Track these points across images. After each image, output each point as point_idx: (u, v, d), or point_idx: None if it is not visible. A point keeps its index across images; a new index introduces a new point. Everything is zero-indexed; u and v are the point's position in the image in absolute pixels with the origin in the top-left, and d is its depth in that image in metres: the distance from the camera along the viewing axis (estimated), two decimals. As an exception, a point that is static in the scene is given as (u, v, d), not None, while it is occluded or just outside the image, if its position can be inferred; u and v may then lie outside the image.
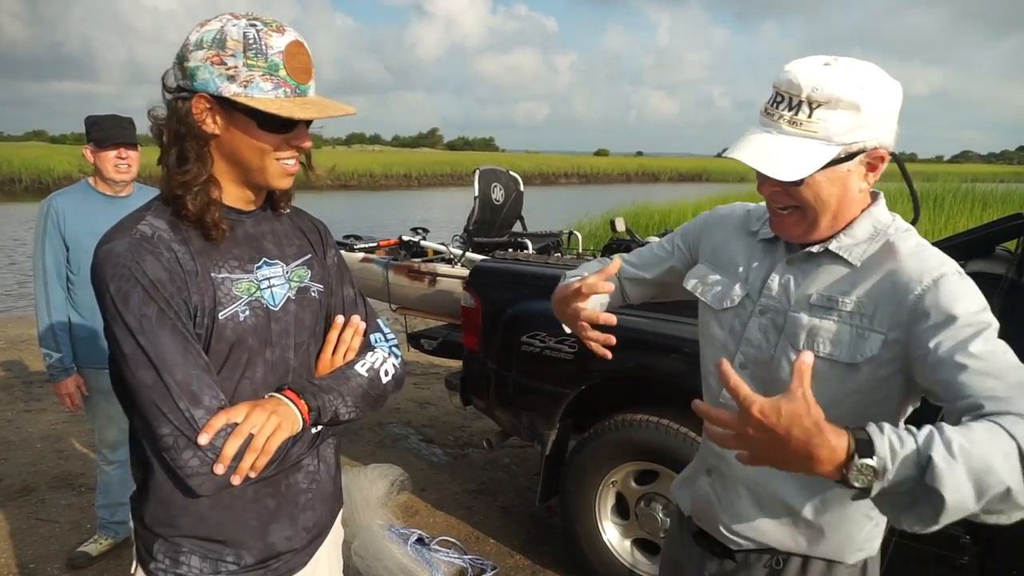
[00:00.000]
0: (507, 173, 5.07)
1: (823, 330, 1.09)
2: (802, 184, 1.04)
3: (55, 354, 2.59)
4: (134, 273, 1.01)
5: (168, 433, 0.99)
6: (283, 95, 1.04)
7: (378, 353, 1.25)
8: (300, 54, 1.05)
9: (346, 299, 1.29)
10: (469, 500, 3.53)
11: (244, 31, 1.01)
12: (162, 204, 1.10)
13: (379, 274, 4.40)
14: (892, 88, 1.03)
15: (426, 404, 4.97)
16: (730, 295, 1.22)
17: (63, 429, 4.26)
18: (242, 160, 1.09)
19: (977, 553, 1.97)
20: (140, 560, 1.17)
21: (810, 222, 1.09)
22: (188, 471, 1.00)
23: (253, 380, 1.12)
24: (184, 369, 1.00)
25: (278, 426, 1.04)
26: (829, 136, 1.00)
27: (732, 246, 1.28)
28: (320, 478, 1.25)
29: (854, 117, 1.00)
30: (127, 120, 2.61)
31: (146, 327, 1.00)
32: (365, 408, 1.19)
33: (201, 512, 1.12)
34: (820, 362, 1.07)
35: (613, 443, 2.60)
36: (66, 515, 3.25)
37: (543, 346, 2.74)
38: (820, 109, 0.99)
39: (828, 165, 1.02)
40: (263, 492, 1.16)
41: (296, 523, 1.21)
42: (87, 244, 2.57)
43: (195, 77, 1.02)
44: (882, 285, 1.05)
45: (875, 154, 1.04)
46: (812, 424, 0.83)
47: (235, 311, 1.09)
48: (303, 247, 1.25)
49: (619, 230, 4.69)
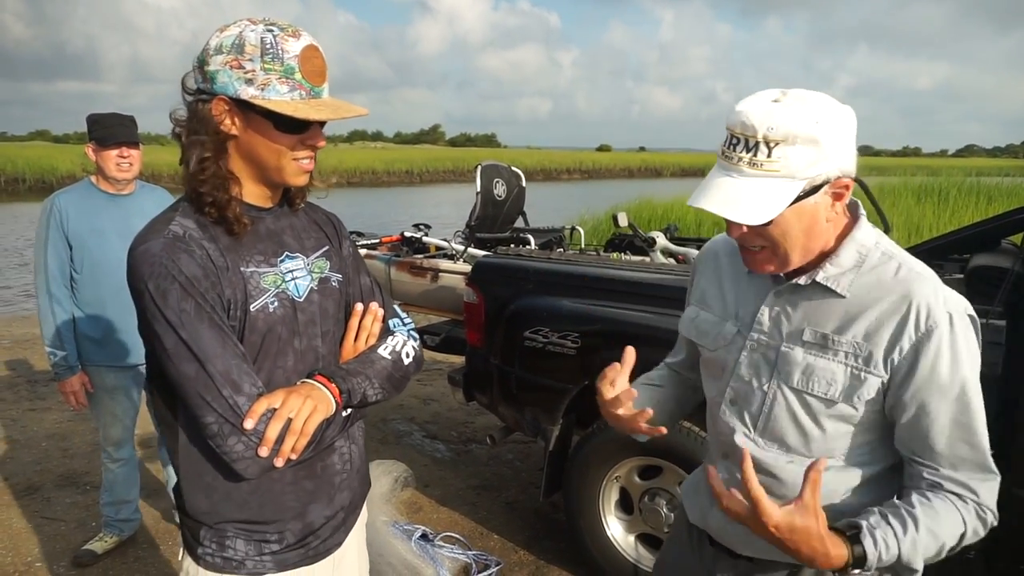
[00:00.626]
0: (509, 169, 5.07)
1: (818, 369, 1.09)
2: (770, 224, 1.02)
3: (59, 352, 2.59)
4: (171, 271, 1.05)
5: (213, 421, 1.04)
6: (298, 97, 1.08)
7: (398, 337, 1.32)
8: (315, 58, 1.10)
9: (363, 287, 1.35)
10: (473, 496, 3.53)
11: (262, 36, 1.06)
12: (188, 204, 1.15)
13: (381, 270, 4.40)
14: (845, 115, 1.02)
15: (429, 400, 4.97)
16: (722, 334, 1.22)
17: (68, 428, 4.27)
18: (260, 159, 1.13)
19: (984, 548, 1.97)
20: (187, 547, 1.23)
21: (781, 258, 1.08)
22: (234, 456, 1.05)
23: (285, 368, 1.18)
24: (224, 359, 1.05)
25: (314, 409, 1.09)
26: (792, 173, 0.99)
27: (719, 282, 1.27)
28: (353, 459, 1.32)
29: (814, 151, 0.98)
30: (128, 118, 2.61)
31: (185, 321, 1.04)
32: (391, 389, 1.25)
33: (243, 497, 1.18)
34: (815, 400, 1.09)
35: (617, 438, 2.59)
36: (71, 513, 3.26)
37: (546, 341, 2.73)
38: (778, 147, 0.98)
39: (795, 201, 1.01)
40: (301, 475, 1.22)
41: (333, 503, 1.28)
42: (90, 242, 2.57)
43: (215, 80, 1.07)
44: (877, 323, 1.05)
45: (839, 183, 1.03)
46: (819, 542, 0.97)
47: (265, 303, 1.15)
48: (320, 240, 1.31)
49: (622, 225, 4.68)
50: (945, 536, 1.02)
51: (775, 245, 1.07)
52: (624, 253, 4.58)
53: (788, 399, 1.11)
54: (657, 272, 2.89)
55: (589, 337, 2.64)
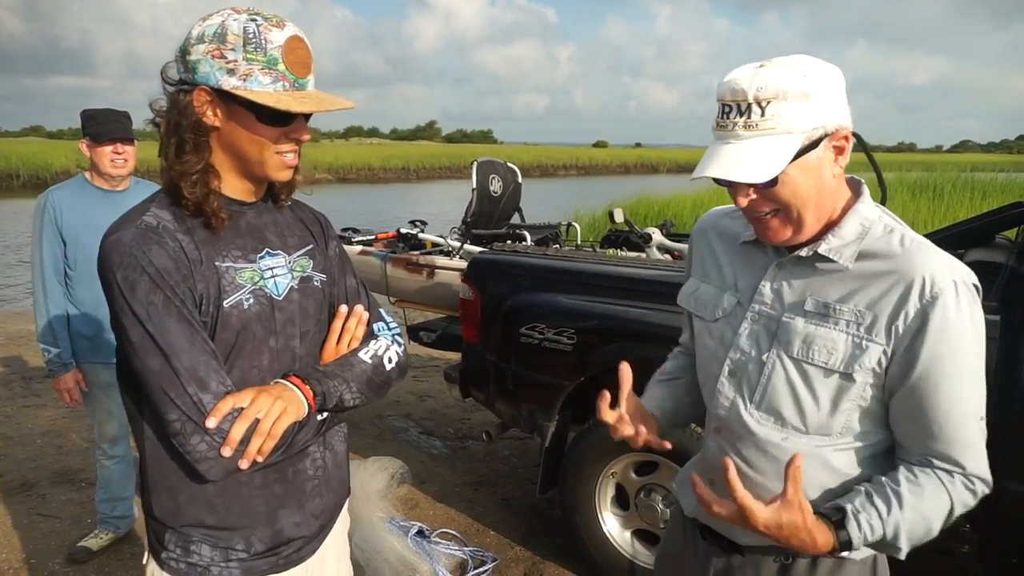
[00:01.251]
0: (505, 165, 5.06)
1: (819, 338, 1.08)
2: (777, 184, 1.02)
3: (54, 349, 2.59)
4: (140, 262, 1.02)
5: (176, 419, 1.01)
6: (281, 89, 1.06)
7: (381, 341, 1.28)
8: (299, 49, 1.07)
9: (349, 288, 1.31)
10: (469, 492, 3.54)
11: (244, 25, 1.03)
12: (165, 196, 1.12)
13: (377, 267, 4.39)
14: (832, 70, 1.03)
15: (425, 397, 4.97)
16: (721, 304, 1.22)
17: (63, 424, 4.26)
18: (242, 152, 1.11)
19: (977, 542, 1.98)
20: (152, 550, 1.20)
21: (796, 222, 1.07)
22: (196, 456, 1.01)
23: (260, 368, 1.14)
24: (191, 355, 1.02)
25: (284, 410, 1.06)
26: (788, 128, 0.99)
27: (717, 254, 1.27)
28: (327, 465, 1.27)
29: (806, 104, 0.99)
30: (123, 114, 2.60)
31: (153, 315, 1.01)
32: (370, 395, 1.21)
33: (209, 500, 1.14)
34: (815, 370, 1.08)
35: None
36: (66, 510, 3.25)
37: (542, 338, 2.73)
38: (771, 106, 0.98)
39: (797, 157, 1.00)
40: (271, 478, 1.18)
41: (304, 509, 1.23)
42: (84, 239, 2.56)
43: (196, 70, 1.05)
44: (879, 292, 1.05)
45: (838, 135, 1.03)
46: (806, 534, 1.01)
47: (239, 299, 1.11)
48: (305, 238, 1.27)
49: (618, 221, 4.67)
50: (931, 514, 1.03)
51: (787, 208, 1.05)
52: (620, 249, 4.58)
53: (788, 369, 1.10)
54: (653, 268, 2.89)
55: (585, 333, 2.64)
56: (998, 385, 1.98)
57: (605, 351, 2.60)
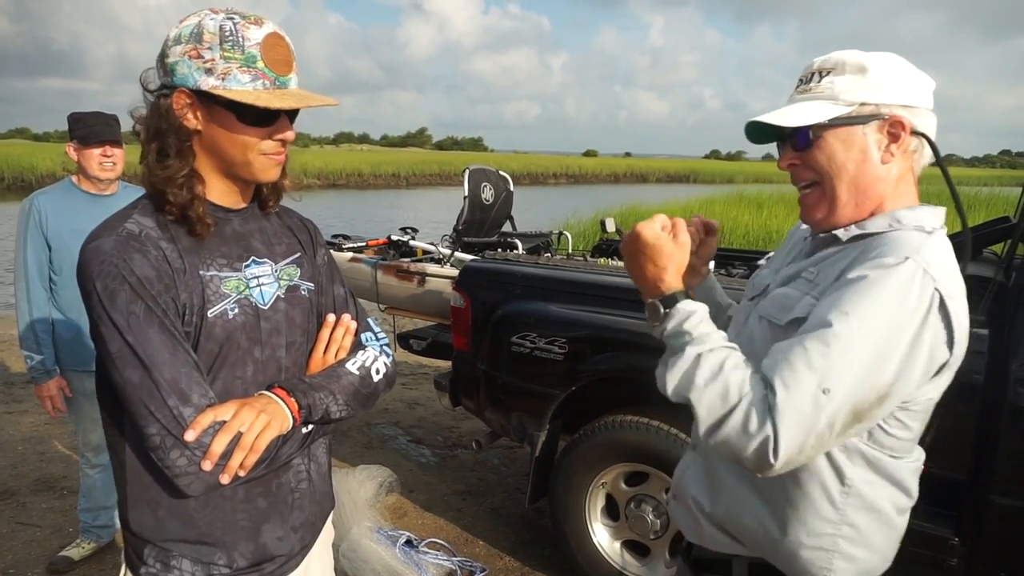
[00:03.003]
0: (497, 173, 5.06)
1: (780, 295, 1.10)
2: (813, 147, 1.06)
3: (37, 356, 2.55)
4: (121, 271, 1.00)
5: (156, 432, 0.98)
6: (262, 87, 1.04)
7: (369, 351, 1.25)
8: (279, 45, 1.05)
9: (337, 298, 1.29)
10: (458, 501, 3.51)
11: (221, 24, 1.02)
12: (148, 203, 1.09)
13: (368, 274, 4.37)
14: (905, 64, 1.06)
15: (415, 405, 4.95)
16: (760, 286, 1.23)
17: (45, 431, 4.19)
18: (225, 155, 1.08)
19: (965, 554, 1.98)
20: (130, 565, 1.16)
21: (830, 198, 1.07)
22: (176, 471, 0.98)
23: (244, 379, 1.12)
24: (173, 367, 0.99)
25: (268, 424, 1.03)
26: (835, 95, 1.05)
27: (787, 249, 1.29)
28: (311, 478, 1.24)
29: (859, 78, 1.04)
30: (112, 117, 2.57)
31: (133, 325, 0.99)
32: (356, 407, 1.18)
33: (190, 514, 1.10)
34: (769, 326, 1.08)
35: (603, 444, 2.59)
36: (48, 519, 3.20)
37: (533, 347, 2.73)
38: (829, 76, 1.06)
39: (840, 124, 1.04)
40: (254, 492, 1.15)
41: (286, 523, 1.20)
42: (70, 243, 2.53)
43: (175, 72, 1.03)
44: (842, 257, 1.04)
45: (894, 120, 1.03)
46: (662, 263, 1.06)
47: (224, 309, 1.09)
48: (292, 246, 1.25)
49: (609, 230, 4.67)
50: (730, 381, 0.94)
51: (822, 176, 1.07)
52: (611, 258, 4.59)
53: (752, 325, 1.14)
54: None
55: (576, 342, 2.64)
56: (985, 399, 2.00)
57: (596, 360, 2.60)
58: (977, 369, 1.99)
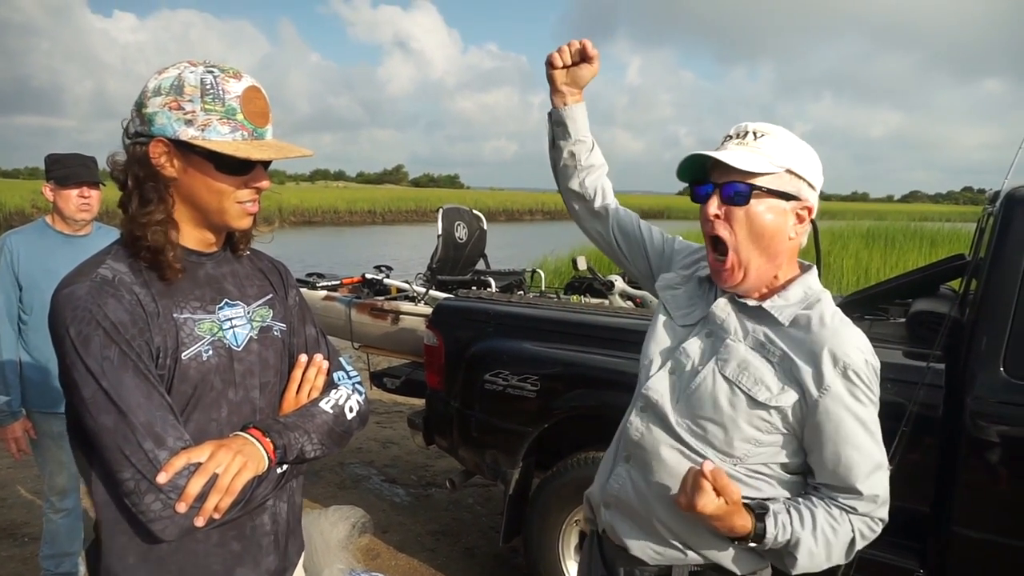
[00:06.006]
0: (471, 212, 5.13)
1: (752, 366, 1.19)
2: (746, 204, 1.17)
3: (3, 397, 2.50)
4: (95, 316, 1.00)
5: (130, 477, 0.98)
6: (240, 138, 1.07)
7: (342, 390, 1.26)
8: (257, 99, 1.09)
9: (308, 338, 1.30)
10: (432, 542, 3.48)
11: (202, 77, 1.05)
12: (121, 248, 1.11)
13: (342, 312, 4.37)
14: (816, 156, 1.22)
15: (388, 443, 4.90)
16: (693, 315, 1.32)
17: (6, 475, 4.07)
18: (201, 202, 1.11)
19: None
20: None
21: (745, 267, 1.20)
22: (150, 516, 0.98)
23: (218, 421, 1.12)
24: (148, 411, 0.99)
25: (244, 465, 1.03)
26: (770, 156, 1.17)
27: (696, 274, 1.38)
28: (285, 519, 1.24)
29: (789, 152, 1.19)
30: (90, 159, 2.58)
31: (107, 370, 0.99)
32: (331, 445, 1.19)
33: (161, 558, 1.09)
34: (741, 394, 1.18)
35: (576, 481, 2.60)
36: (7, 567, 3.10)
37: (506, 384, 2.74)
38: (763, 138, 1.19)
39: (771, 195, 1.17)
40: (228, 535, 1.14)
41: (259, 566, 1.19)
42: (42, 283, 2.51)
43: (153, 122, 1.05)
44: (802, 347, 1.17)
45: (804, 205, 1.20)
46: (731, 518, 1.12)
47: (198, 351, 1.10)
48: (264, 287, 1.26)
49: (581, 268, 4.75)
50: (836, 543, 1.16)
51: (738, 242, 1.18)
52: (583, 296, 4.64)
53: (717, 384, 1.20)
54: (616, 316, 2.94)
55: (549, 380, 2.66)
56: (944, 432, 2.06)
57: (568, 398, 2.62)
58: (936, 402, 2.05)
